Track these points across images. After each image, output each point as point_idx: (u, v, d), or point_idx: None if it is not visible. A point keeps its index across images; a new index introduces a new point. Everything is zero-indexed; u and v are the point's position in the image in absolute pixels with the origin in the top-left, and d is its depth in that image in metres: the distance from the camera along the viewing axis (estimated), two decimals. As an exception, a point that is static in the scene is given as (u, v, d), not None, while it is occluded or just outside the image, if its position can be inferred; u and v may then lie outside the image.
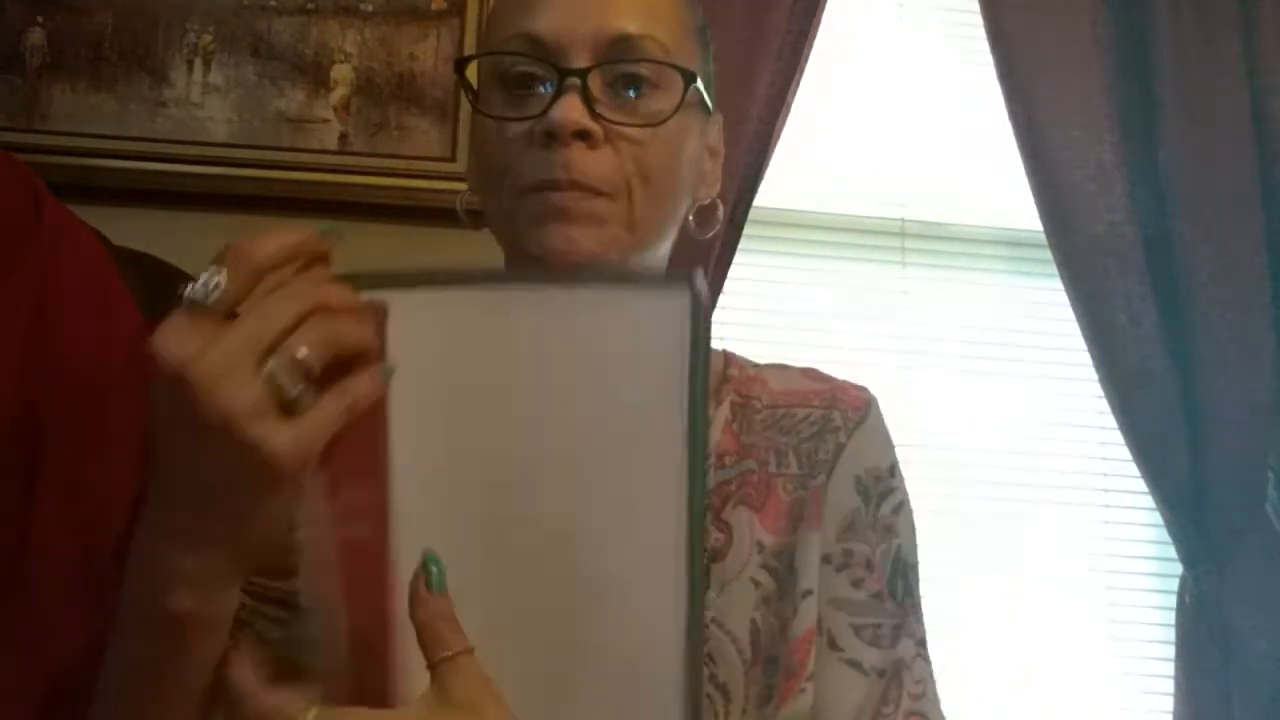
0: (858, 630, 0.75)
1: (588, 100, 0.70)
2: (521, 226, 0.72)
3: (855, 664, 0.74)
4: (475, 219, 0.79)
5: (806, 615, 0.73)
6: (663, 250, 0.78)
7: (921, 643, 0.77)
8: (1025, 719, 1.65)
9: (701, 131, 0.79)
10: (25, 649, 0.74)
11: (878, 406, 0.81)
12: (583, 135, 0.70)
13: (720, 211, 0.81)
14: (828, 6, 1.66)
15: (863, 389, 0.82)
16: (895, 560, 0.77)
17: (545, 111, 0.70)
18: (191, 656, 0.57)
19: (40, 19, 1.55)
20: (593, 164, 0.71)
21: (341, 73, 1.59)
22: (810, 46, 1.64)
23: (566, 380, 0.57)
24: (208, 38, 1.58)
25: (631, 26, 0.72)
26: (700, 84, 0.75)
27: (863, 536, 0.77)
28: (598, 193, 0.71)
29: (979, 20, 1.71)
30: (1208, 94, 1.65)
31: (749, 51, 1.59)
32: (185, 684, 0.58)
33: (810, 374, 0.83)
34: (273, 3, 1.59)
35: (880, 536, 0.77)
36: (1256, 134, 1.65)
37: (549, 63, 0.72)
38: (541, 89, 0.72)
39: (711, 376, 0.81)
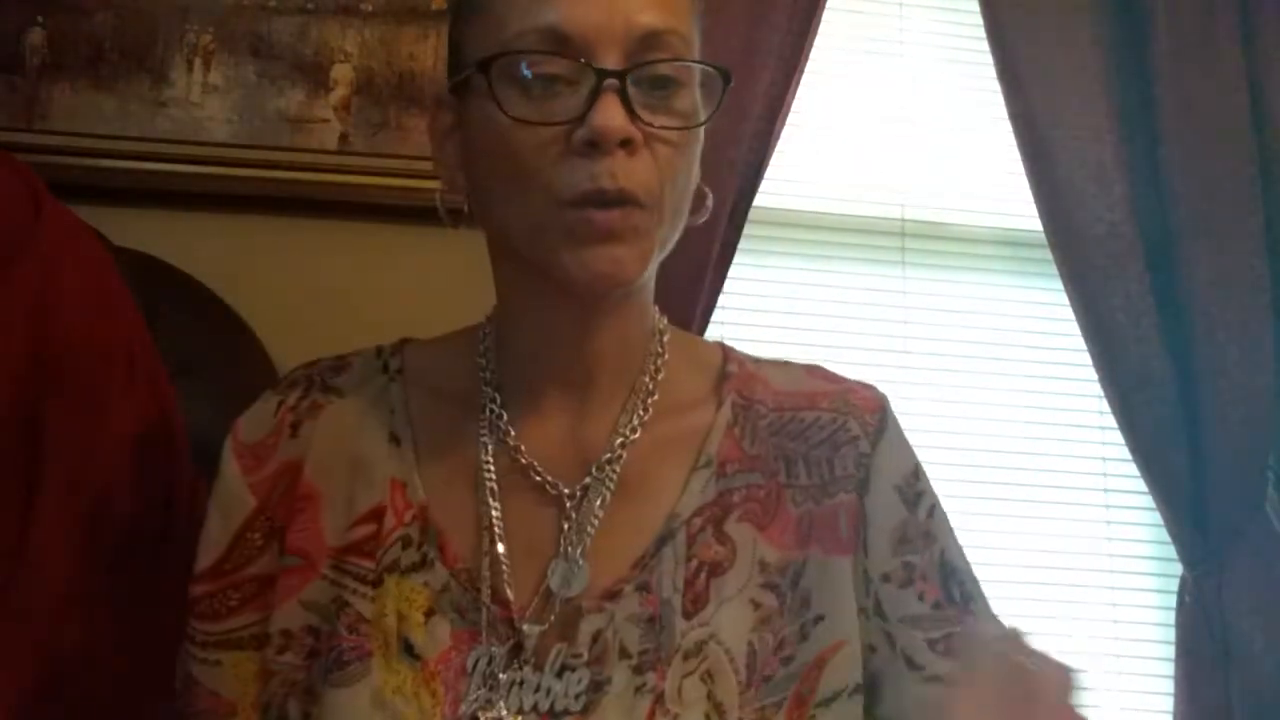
0: (932, 644, 0.72)
1: (627, 104, 0.66)
2: (556, 244, 0.67)
3: (938, 679, 0.71)
4: (455, 217, 0.75)
5: (817, 641, 0.71)
6: (671, 247, 0.74)
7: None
8: (1025, 719, 1.65)
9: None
10: (22, 651, 0.74)
11: (890, 407, 0.79)
12: (625, 143, 0.66)
13: (709, 197, 0.76)
14: (828, 6, 1.66)
15: (871, 389, 0.79)
16: (942, 566, 0.75)
17: (583, 116, 0.66)
18: None
19: (40, 19, 1.55)
20: (636, 172, 0.67)
21: (341, 73, 1.59)
22: (810, 46, 1.64)
23: None
24: (208, 38, 1.58)
25: (658, 21, 0.68)
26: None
27: (915, 547, 0.74)
28: (637, 203, 0.67)
29: (979, 20, 1.71)
30: (1208, 94, 1.65)
31: (749, 51, 1.59)
32: None
33: (816, 372, 0.81)
34: (273, 3, 1.59)
35: (924, 544, 0.75)
36: (1256, 134, 1.65)
37: (582, 62, 0.67)
38: (566, 90, 0.67)
39: (709, 372, 0.79)
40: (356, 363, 0.79)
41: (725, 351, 0.81)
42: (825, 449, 0.75)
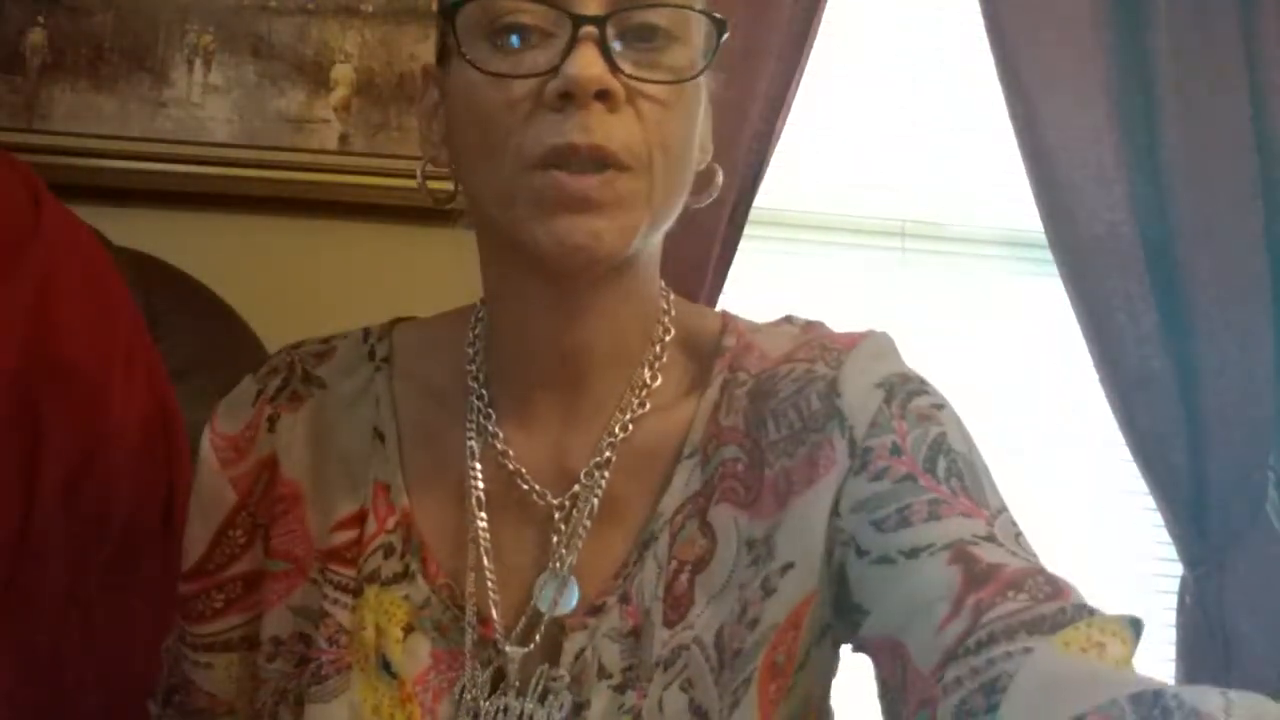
0: (879, 524, 0.61)
1: (606, 53, 0.59)
2: (525, 213, 0.60)
3: (883, 559, 0.60)
4: (441, 200, 0.71)
5: (787, 596, 0.62)
6: (668, 223, 0.66)
7: (995, 526, 0.61)
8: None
9: (709, 88, 0.68)
10: (23, 649, 0.74)
11: (877, 339, 0.70)
12: (603, 95, 0.59)
13: (719, 176, 0.69)
14: (828, 6, 1.66)
15: (862, 332, 0.70)
16: (935, 443, 0.63)
17: (558, 67, 0.59)
18: None
19: (40, 19, 1.55)
20: (616, 130, 0.59)
21: (341, 73, 1.59)
22: (810, 46, 1.64)
23: None
24: (208, 38, 1.58)
25: None
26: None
27: (887, 428, 0.64)
28: (620, 166, 0.59)
29: (979, 20, 1.71)
30: (1208, 94, 1.65)
31: (749, 51, 1.59)
32: None
33: (811, 327, 0.72)
34: (273, 3, 1.59)
35: (914, 423, 0.64)
36: (1256, 134, 1.65)
37: (558, 8, 0.59)
38: (542, 42, 0.60)
39: (702, 350, 0.71)
40: (342, 348, 0.74)
41: (725, 321, 0.73)
42: (794, 398, 0.66)
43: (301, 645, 0.68)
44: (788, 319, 0.74)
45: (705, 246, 1.55)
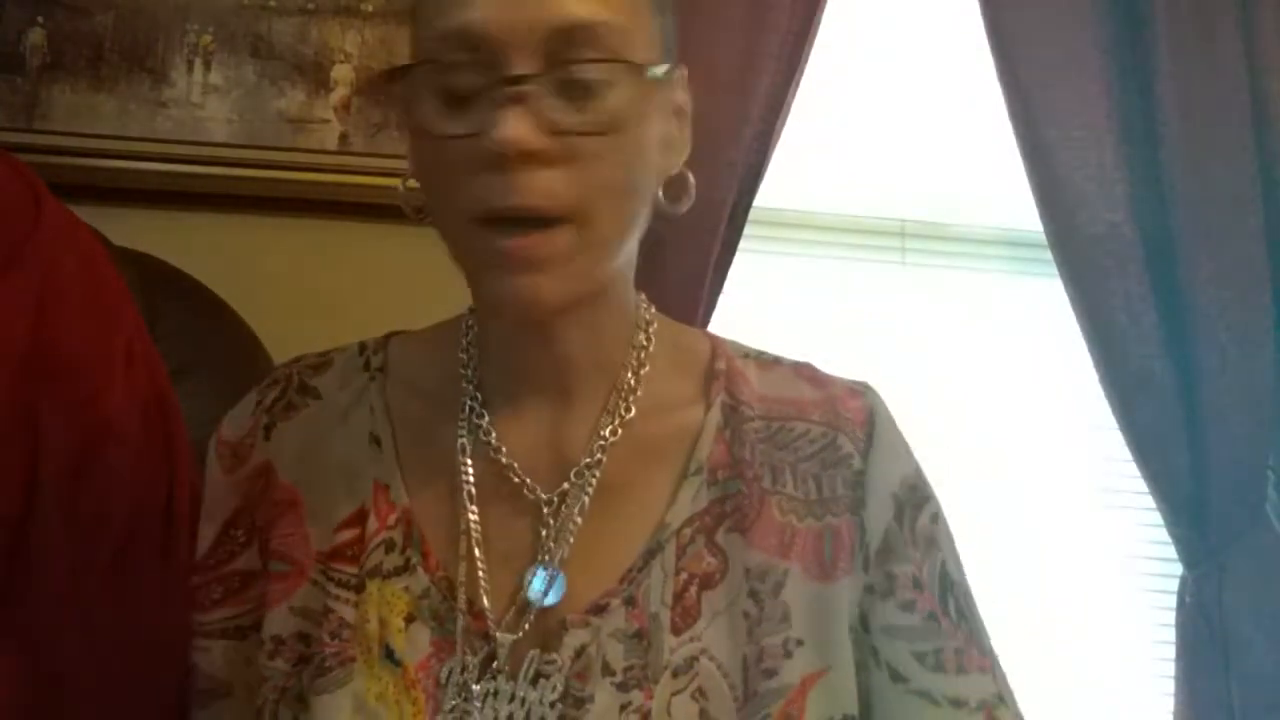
0: (920, 657, 0.70)
1: (536, 111, 0.61)
2: (472, 266, 0.66)
3: (925, 694, 0.69)
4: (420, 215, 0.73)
5: (802, 662, 0.68)
6: (629, 249, 0.70)
7: (998, 679, 0.72)
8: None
9: (666, 100, 0.69)
10: (21, 654, 0.74)
11: (883, 408, 0.75)
12: (530, 155, 0.61)
13: (692, 182, 0.71)
14: (828, 6, 1.66)
15: (860, 394, 0.75)
16: (942, 577, 0.72)
17: (489, 128, 0.61)
18: None
19: (40, 19, 1.55)
20: (548, 184, 0.61)
21: (341, 73, 1.59)
22: (810, 46, 1.64)
23: None
24: (208, 38, 1.57)
25: (581, 10, 0.62)
26: (661, 59, 0.66)
27: (903, 555, 0.71)
28: (553, 222, 0.62)
29: (979, 20, 1.71)
30: (1208, 94, 1.65)
31: (749, 51, 1.59)
32: None
33: (805, 374, 0.77)
34: (273, 3, 1.59)
35: (924, 552, 0.72)
36: (1256, 134, 1.65)
37: (487, 66, 0.62)
38: (479, 102, 0.63)
39: (697, 368, 0.75)
40: (339, 361, 0.78)
41: (714, 345, 0.78)
42: (814, 464, 0.72)
43: (302, 645, 0.71)
44: (776, 359, 0.78)
45: (705, 246, 1.55)
